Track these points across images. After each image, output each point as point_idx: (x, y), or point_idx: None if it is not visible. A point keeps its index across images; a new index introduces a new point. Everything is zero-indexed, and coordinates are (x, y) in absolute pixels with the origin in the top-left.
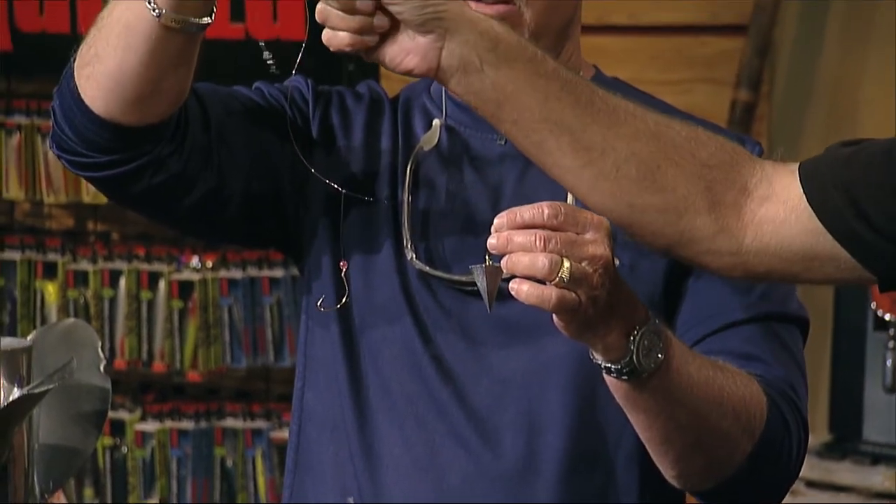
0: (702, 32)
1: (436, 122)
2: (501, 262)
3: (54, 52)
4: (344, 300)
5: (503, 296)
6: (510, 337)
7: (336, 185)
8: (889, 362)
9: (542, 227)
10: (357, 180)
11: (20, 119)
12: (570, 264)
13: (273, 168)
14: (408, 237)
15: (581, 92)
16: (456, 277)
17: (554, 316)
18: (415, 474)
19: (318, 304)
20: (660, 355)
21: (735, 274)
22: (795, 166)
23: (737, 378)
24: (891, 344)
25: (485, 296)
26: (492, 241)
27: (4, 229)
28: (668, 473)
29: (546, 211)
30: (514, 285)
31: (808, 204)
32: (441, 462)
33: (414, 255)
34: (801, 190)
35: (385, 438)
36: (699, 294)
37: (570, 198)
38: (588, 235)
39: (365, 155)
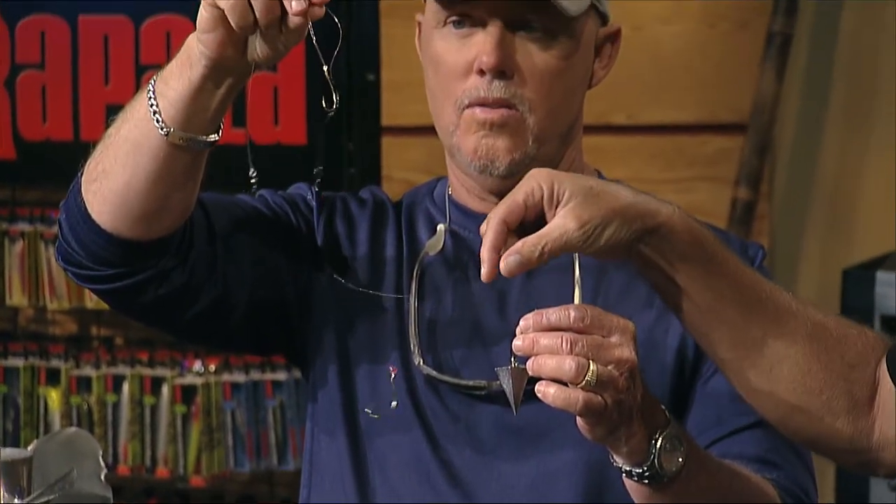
0: (701, 131)
1: (440, 227)
2: (527, 364)
3: (57, 160)
4: (394, 404)
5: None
6: (518, 442)
7: (380, 293)
8: None
9: (569, 329)
10: (363, 286)
11: (23, 226)
12: (597, 367)
13: (277, 277)
14: (415, 342)
15: (750, 292)
16: (464, 382)
17: (578, 419)
18: None
19: (385, 411)
20: (681, 459)
21: (869, 471)
22: None
23: (752, 482)
24: None
25: (511, 398)
26: (517, 343)
27: (8, 336)
28: None
29: (572, 313)
30: (540, 388)
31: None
32: None
33: (422, 360)
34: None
35: None
36: (708, 398)
37: (577, 298)
38: (614, 339)
39: (370, 261)
